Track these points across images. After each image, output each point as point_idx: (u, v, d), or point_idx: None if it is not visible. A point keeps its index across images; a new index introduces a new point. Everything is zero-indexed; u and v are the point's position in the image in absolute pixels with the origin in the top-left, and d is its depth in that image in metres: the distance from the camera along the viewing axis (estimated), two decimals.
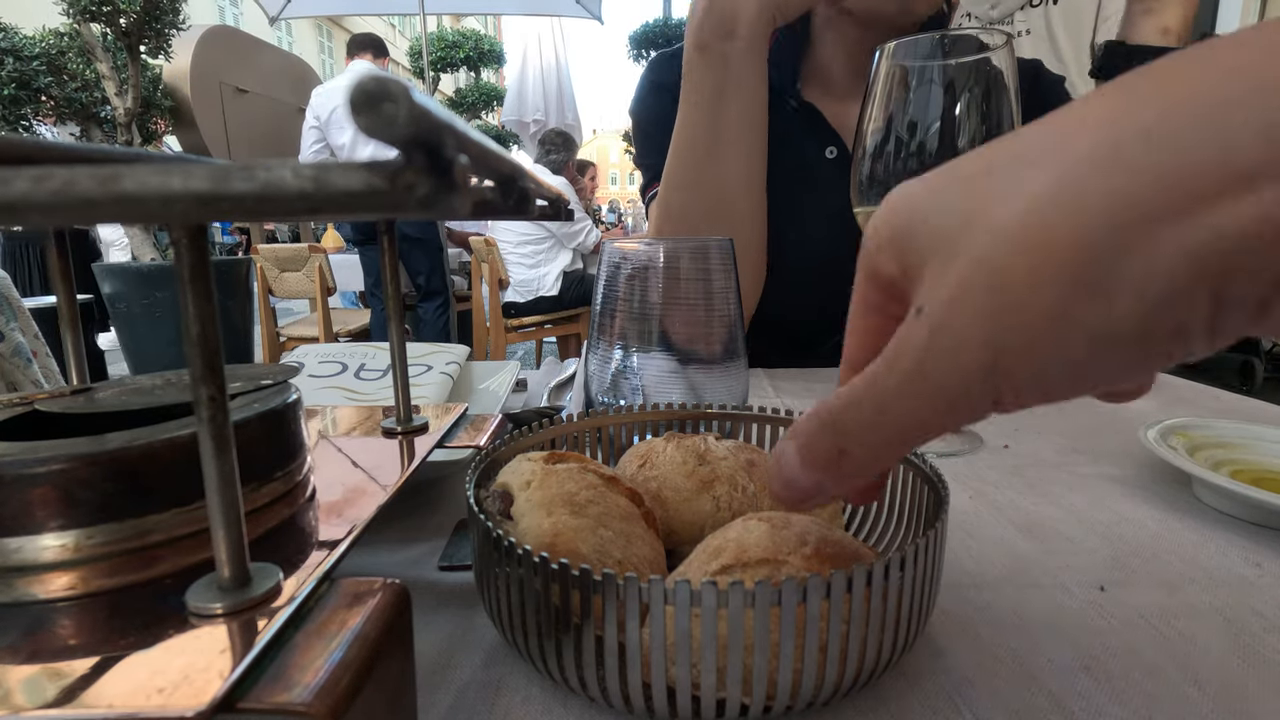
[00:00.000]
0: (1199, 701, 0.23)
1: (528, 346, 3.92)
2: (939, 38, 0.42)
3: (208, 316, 0.15)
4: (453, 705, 0.23)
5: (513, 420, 0.44)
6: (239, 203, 0.11)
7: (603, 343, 0.40)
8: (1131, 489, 0.41)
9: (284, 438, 0.24)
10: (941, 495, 0.25)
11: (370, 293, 2.78)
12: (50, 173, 0.11)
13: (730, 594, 0.19)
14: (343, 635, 0.16)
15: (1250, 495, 0.35)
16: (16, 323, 0.88)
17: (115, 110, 2.73)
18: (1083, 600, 0.29)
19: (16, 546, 0.18)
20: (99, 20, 2.52)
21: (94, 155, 0.24)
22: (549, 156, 3.12)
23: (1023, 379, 0.13)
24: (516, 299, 2.91)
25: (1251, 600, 0.29)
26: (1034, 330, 0.13)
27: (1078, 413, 0.58)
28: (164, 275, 2.46)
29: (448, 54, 6.06)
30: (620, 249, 0.40)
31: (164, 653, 0.15)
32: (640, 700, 0.20)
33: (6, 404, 0.24)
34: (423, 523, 0.35)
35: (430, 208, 0.11)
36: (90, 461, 0.18)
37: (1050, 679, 0.24)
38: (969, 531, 0.35)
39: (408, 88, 0.10)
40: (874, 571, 0.20)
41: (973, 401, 0.14)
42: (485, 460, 0.28)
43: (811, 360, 0.73)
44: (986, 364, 0.13)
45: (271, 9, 4.45)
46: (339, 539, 0.21)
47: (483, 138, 0.14)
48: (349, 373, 0.51)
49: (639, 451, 0.31)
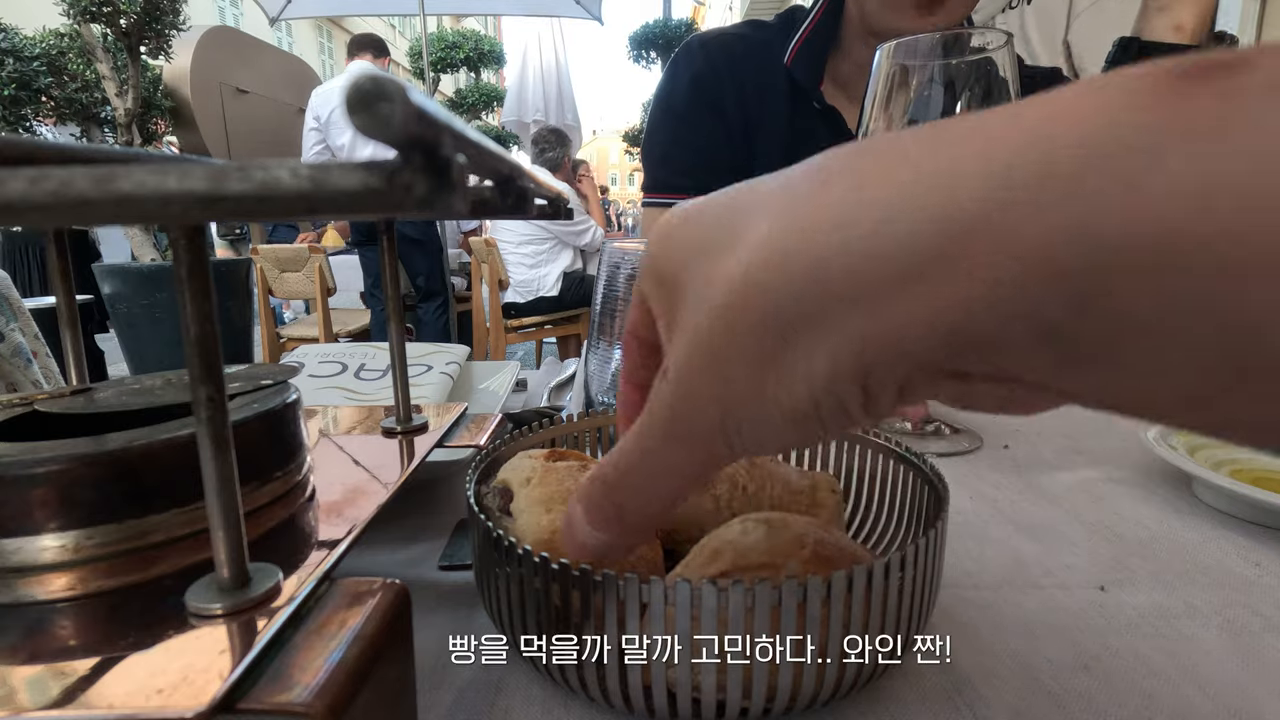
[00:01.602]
0: (1199, 701, 0.23)
1: (528, 347, 3.92)
2: (938, 37, 0.42)
3: (206, 317, 0.15)
4: (453, 705, 0.23)
5: (513, 420, 0.44)
6: (237, 203, 0.11)
7: (603, 343, 0.40)
8: (1131, 489, 0.41)
9: (283, 438, 0.24)
10: (941, 495, 0.25)
11: (370, 293, 2.78)
12: (47, 173, 0.10)
13: (730, 594, 0.19)
14: (342, 635, 0.16)
15: (1250, 495, 0.34)
16: (17, 323, 0.88)
17: (115, 111, 2.73)
18: (1083, 600, 0.29)
19: (16, 547, 0.18)
20: (99, 21, 2.52)
21: (92, 155, 0.24)
22: (544, 155, 3.11)
23: (748, 436, 0.14)
24: (516, 299, 2.90)
25: (1251, 600, 0.29)
26: (743, 394, 0.13)
27: (1078, 413, 0.58)
28: (164, 276, 2.46)
29: (448, 54, 6.06)
30: (620, 249, 0.40)
31: (164, 653, 0.15)
32: (640, 700, 0.20)
33: (6, 404, 0.24)
34: (423, 523, 0.35)
35: (428, 207, 0.11)
36: (90, 462, 0.18)
37: (1050, 679, 0.24)
38: (969, 531, 0.35)
39: (404, 87, 0.10)
40: (874, 572, 0.20)
41: (722, 453, 0.14)
42: (485, 460, 0.28)
43: None
44: (717, 420, 0.14)
45: (271, 10, 4.45)
46: (339, 539, 0.21)
47: (481, 137, 0.14)
48: (349, 373, 0.51)
49: None
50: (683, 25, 5.80)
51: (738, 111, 0.79)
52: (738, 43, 0.82)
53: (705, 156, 0.80)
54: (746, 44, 0.81)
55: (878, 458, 0.31)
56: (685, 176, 0.81)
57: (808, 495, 0.29)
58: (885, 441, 0.30)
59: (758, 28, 0.84)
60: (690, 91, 0.81)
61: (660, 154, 0.83)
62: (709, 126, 0.80)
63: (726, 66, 0.80)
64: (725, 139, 0.80)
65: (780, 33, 0.80)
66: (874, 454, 0.31)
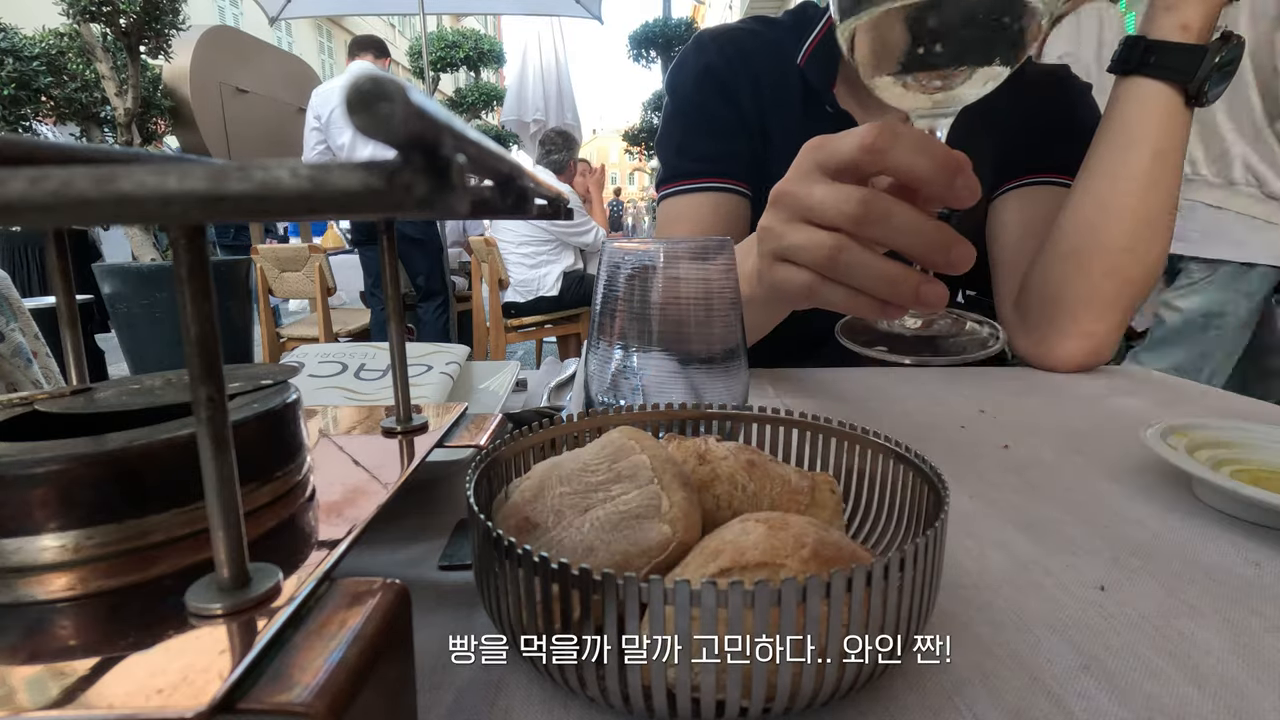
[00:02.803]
0: (1199, 701, 0.23)
1: (528, 346, 3.92)
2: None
3: (206, 317, 0.15)
4: (453, 705, 0.23)
5: (513, 420, 0.44)
6: (237, 203, 0.11)
7: (603, 343, 0.40)
8: (1131, 489, 0.41)
9: (283, 438, 0.24)
10: (941, 495, 0.25)
11: (370, 293, 2.78)
12: (47, 173, 0.10)
13: (730, 594, 0.19)
14: (342, 635, 0.16)
15: (1250, 495, 0.34)
16: (17, 323, 0.88)
17: (115, 110, 2.73)
18: (1083, 600, 0.29)
19: (16, 547, 0.18)
20: (99, 20, 2.52)
21: (92, 155, 0.24)
22: (550, 157, 3.11)
23: None
24: (516, 299, 2.91)
25: (1251, 600, 0.29)
26: None
27: (1078, 413, 0.58)
28: (164, 275, 2.46)
29: (447, 54, 6.06)
30: (620, 249, 0.40)
31: (163, 653, 0.15)
32: (640, 700, 0.20)
33: (6, 404, 0.24)
34: (423, 523, 0.35)
35: (428, 207, 0.11)
36: (90, 462, 0.18)
37: (1050, 679, 0.24)
38: (969, 531, 0.35)
39: (404, 87, 0.10)
40: (873, 572, 0.20)
41: None
42: (485, 460, 0.28)
43: (812, 360, 0.73)
44: None
45: (271, 9, 4.45)
46: (339, 539, 0.21)
47: (481, 137, 0.14)
48: (349, 373, 0.51)
49: None
50: (682, 24, 5.80)
51: (752, 104, 0.77)
52: (749, 38, 0.80)
53: (721, 142, 0.78)
54: (758, 40, 0.79)
55: (877, 457, 0.31)
56: (703, 161, 0.78)
57: (807, 495, 0.29)
58: (885, 441, 0.30)
59: (768, 25, 0.82)
60: (703, 81, 0.78)
61: (675, 145, 0.80)
62: (724, 115, 0.78)
63: (740, 60, 0.78)
64: (741, 128, 0.77)
65: (791, 31, 0.78)
66: (874, 454, 0.31)
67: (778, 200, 0.42)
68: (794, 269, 0.41)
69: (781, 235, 0.41)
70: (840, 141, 0.38)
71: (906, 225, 0.36)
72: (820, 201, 0.38)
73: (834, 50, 0.73)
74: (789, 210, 0.41)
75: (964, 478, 0.42)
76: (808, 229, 0.40)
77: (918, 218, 0.36)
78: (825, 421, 0.33)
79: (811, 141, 0.40)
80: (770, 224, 0.42)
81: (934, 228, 0.36)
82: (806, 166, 0.40)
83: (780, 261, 0.42)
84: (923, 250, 0.36)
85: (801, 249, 0.40)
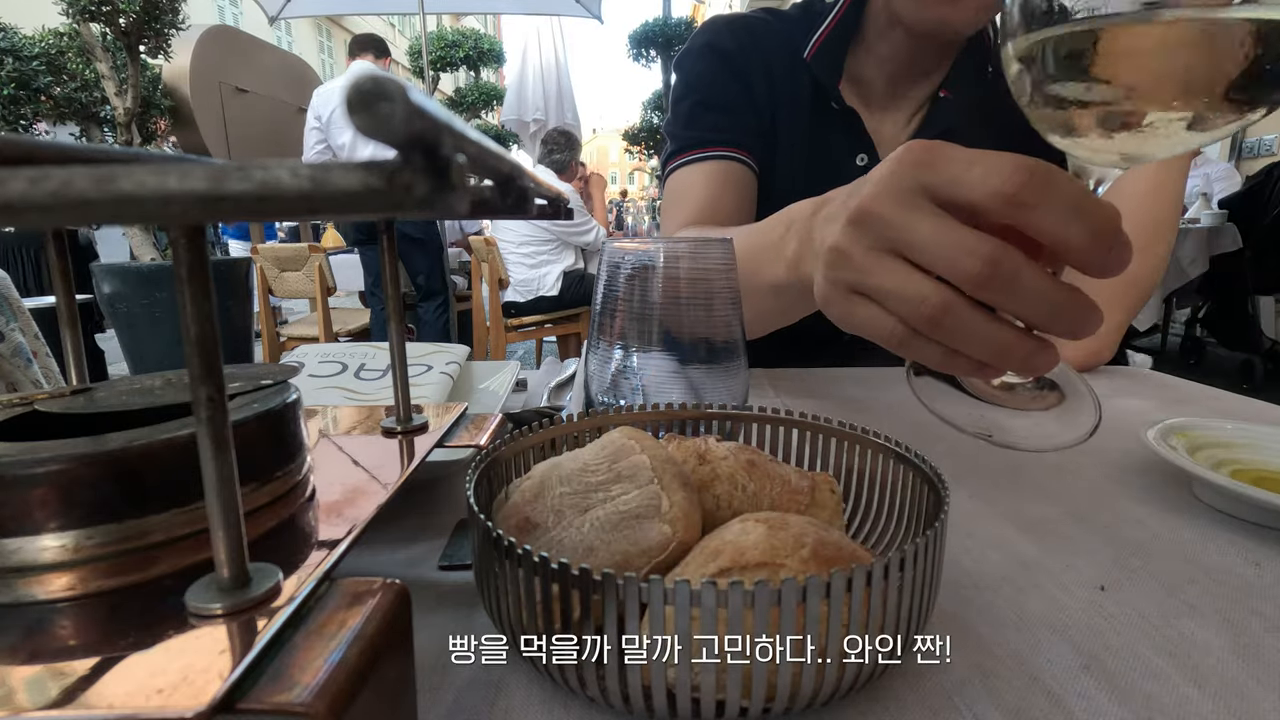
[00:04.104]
0: (1199, 701, 0.23)
1: (528, 346, 3.92)
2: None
3: (206, 316, 0.15)
4: (453, 705, 0.23)
5: (513, 420, 0.44)
6: (237, 203, 0.11)
7: (603, 343, 0.40)
8: (1131, 489, 0.41)
9: (283, 438, 0.24)
10: (941, 495, 0.25)
11: (370, 292, 2.78)
12: (47, 173, 0.10)
13: (730, 594, 0.19)
14: (342, 635, 0.16)
15: (1250, 495, 0.34)
16: (17, 323, 0.88)
17: (115, 110, 2.73)
18: (1083, 600, 0.29)
19: (16, 547, 0.18)
20: (99, 20, 2.52)
21: (92, 155, 0.23)
22: (551, 156, 3.11)
23: None
24: (516, 299, 2.90)
25: (1251, 600, 0.29)
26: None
27: None
28: (164, 275, 2.46)
29: (447, 53, 6.07)
30: (620, 249, 0.40)
31: (163, 653, 0.15)
32: (640, 700, 0.20)
33: (6, 404, 0.24)
34: (423, 523, 0.35)
35: (428, 207, 0.11)
36: (90, 462, 0.18)
37: (1050, 679, 0.24)
38: (969, 531, 0.35)
39: (404, 87, 0.10)
40: (873, 572, 0.20)
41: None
42: (485, 460, 0.28)
43: (812, 360, 0.73)
44: None
45: (271, 9, 4.45)
46: (339, 539, 0.21)
47: (481, 137, 0.14)
48: (349, 373, 0.51)
49: None
50: (682, 24, 5.80)
51: (764, 87, 0.76)
52: (760, 25, 0.79)
53: (732, 115, 0.76)
54: (769, 29, 0.79)
55: (877, 457, 0.31)
56: (713, 131, 0.76)
57: (807, 495, 0.29)
58: (885, 441, 0.30)
59: (778, 17, 0.81)
60: (715, 61, 0.77)
61: (684, 119, 0.78)
62: (734, 91, 0.76)
63: (752, 44, 0.77)
64: (750, 108, 0.76)
65: (799, 25, 0.77)
66: (874, 454, 0.31)
67: (861, 220, 0.31)
68: (879, 312, 0.32)
69: (867, 271, 0.32)
70: (965, 171, 0.29)
71: (1035, 292, 0.28)
72: (928, 242, 0.29)
73: (842, 45, 0.72)
74: (877, 237, 0.31)
75: (964, 478, 0.42)
76: (904, 271, 0.30)
77: (1049, 284, 0.28)
78: (825, 421, 0.33)
79: (914, 148, 0.30)
80: (849, 249, 0.32)
81: (1067, 295, 0.28)
82: (908, 186, 0.30)
83: (859, 297, 0.33)
84: (1047, 320, 0.29)
85: (895, 297, 0.31)
